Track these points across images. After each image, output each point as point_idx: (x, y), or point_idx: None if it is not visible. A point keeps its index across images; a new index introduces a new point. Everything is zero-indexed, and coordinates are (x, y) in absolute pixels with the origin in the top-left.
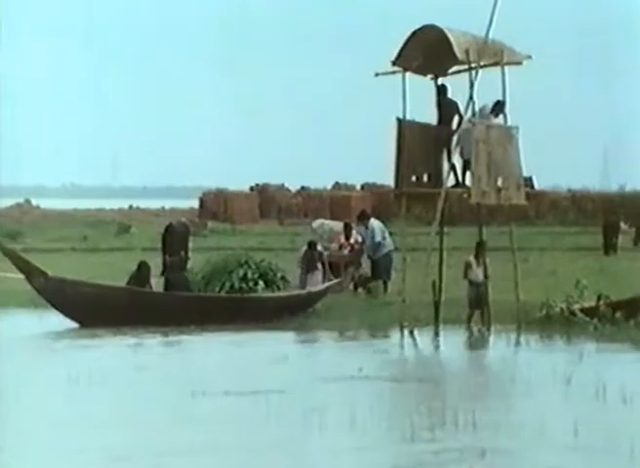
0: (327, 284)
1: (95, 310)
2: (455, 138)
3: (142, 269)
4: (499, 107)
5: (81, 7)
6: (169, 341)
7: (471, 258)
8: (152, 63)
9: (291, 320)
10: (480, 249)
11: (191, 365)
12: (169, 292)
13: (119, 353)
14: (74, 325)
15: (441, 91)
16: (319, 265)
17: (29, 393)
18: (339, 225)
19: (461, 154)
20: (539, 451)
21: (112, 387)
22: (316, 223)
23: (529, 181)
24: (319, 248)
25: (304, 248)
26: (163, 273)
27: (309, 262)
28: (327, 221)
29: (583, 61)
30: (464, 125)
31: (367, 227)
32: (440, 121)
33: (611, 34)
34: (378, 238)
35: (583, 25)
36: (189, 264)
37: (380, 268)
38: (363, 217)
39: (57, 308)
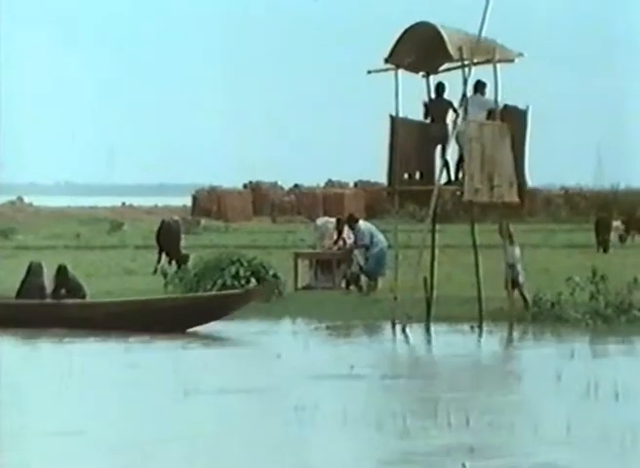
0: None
1: None
2: (451, 135)
3: (34, 271)
4: (480, 87)
5: (75, 3)
6: None
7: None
8: (147, 60)
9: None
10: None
11: None
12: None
13: None
14: None
15: (437, 89)
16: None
17: None
18: None
19: (460, 150)
20: (531, 447)
21: None
22: (320, 221)
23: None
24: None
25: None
26: (155, 272)
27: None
28: (331, 219)
29: (577, 59)
30: (461, 124)
31: (355, 230)
32: (432, 119)
33: (606, 32)
34: (364, 241)
35: (579, 23)
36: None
37: (370, 266)
38: (351, 221)
39: None
